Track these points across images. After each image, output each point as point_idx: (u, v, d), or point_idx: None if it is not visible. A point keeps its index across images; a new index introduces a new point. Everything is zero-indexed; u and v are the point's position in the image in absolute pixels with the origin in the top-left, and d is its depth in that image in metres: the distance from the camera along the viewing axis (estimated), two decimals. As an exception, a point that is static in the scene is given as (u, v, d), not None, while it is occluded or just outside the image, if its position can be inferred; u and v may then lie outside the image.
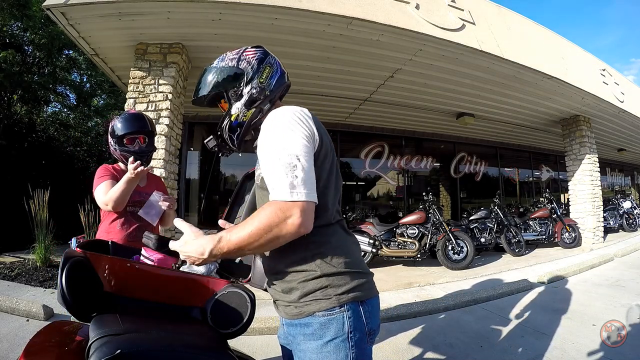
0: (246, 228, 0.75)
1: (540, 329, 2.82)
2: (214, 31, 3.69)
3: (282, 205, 0.74)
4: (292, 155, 0.77)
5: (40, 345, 0.83)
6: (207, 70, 1.00)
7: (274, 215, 0.74)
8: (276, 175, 0.77)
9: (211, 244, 0.77)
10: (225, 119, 0.97)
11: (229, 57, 0.99)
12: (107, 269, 0.93)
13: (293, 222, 0.74)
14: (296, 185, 0.75)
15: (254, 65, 0.96)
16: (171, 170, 3.87)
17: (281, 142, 0.79)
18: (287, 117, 0.82)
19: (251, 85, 0.95)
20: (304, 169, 0.76)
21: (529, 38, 5.02)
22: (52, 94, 9.46)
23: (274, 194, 0.76)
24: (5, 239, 5.19)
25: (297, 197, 0.74)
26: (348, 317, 0.80)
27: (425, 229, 5.25)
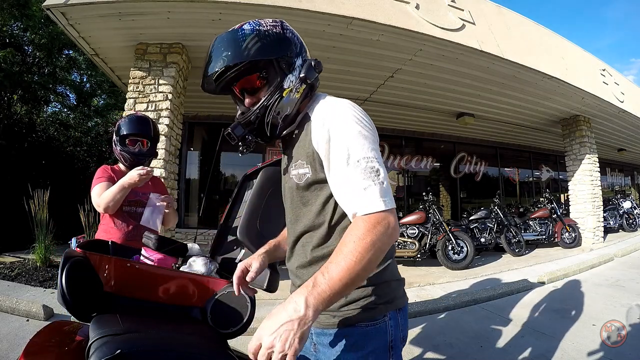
0: (347, 255, 0.61)
1: (540, 329, 2.82)
2: (214, 31, 3.66)
3: (377, 217, 0.64)
4: (371, 159, 0.69)
5: (40, 345, 0.83)
6: (237, 35, 0.78)
7: (374, 229, 0.63)
8: (360, 183, 0.67)
9: (303, 293, 0.59)
10: (272, 95, 0.79)
11: (270, 23, 0.81)
12: (107, 269, 0.93)
13: (393, 233, 0.65)
14: (385, 192, 0.67)
15: (298, 38, 0.84)
16: (171, 170, 3.87)
17: (356, 145, 0.70)
18: (352, 115, 0.73)
19: (302, 57, 0.83)
20: (385, 174, 0.69)
21: (529, 38, 5.02)
22: (52, 94, 9.46)
23: (366, 205, 0.65)
24: (5, 239, 5.19)
25: (389, 205, 0.66)
26: (390, 325, 0.77)
27: (425, 229, 5.25)
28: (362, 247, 0.61)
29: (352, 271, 0.60)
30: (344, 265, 0.60)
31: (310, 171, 0.77)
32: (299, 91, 0.80)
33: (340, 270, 0.60)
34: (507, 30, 4.75)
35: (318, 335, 0.81)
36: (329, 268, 0.61)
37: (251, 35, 0.77)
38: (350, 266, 0.60)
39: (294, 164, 0.80)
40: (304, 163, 0.78)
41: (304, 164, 0.78)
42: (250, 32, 0.78)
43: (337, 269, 0.60)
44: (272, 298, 3.31)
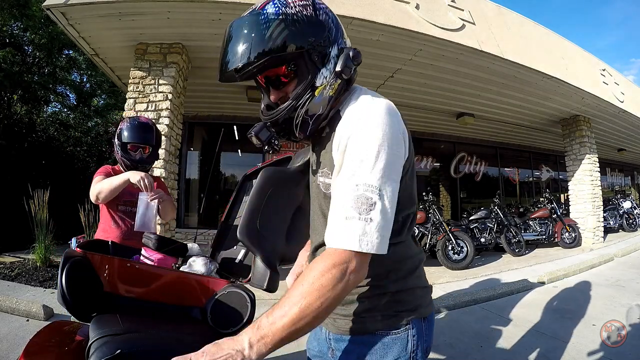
0: (292, 299, 0.56)
1: (540, 329, 2.82)
2: (214, 31, 3.69)
3: (341, 256, 0.57)
4: (373, 189, 0.58)
5: (40, 345, 0.83)
6: (259, 18, 0.64)
7: (330, 271, 0.56)
8: (345, 210, 0.59)
9: (248, 334, 0.55)
10: (304, 93, 0.68)
11: (299, 3, 0.65)
12: (107, 269, 0.93)
13: (362, 275, 0.59)
14: (368, 232, 0.57)
15: (334, 19, 0.69)
16: (171, 170, 3.87)
17: (365, 165, 0.59)
18: (382, 128, 0.61)
19: (339, 45, 0.69)
20: (384, 210, 0.59)
21: (529, 38, 5.02)
22: (52, 94, 9.47)
23: (339, 237, 0.58)
24: (5, 239, 5.19)
25: (366, 248, 0.57)
26: (412, 335, 0.71)
27: (425, 228, 5.25)
28: (311, 293, 0.55)
29: (295, 320, 0.54)
30: (289, 312, 0.55)
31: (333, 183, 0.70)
32: (333, 87, 0.68)
33: (283, 317, 0.55)
34: (507, 30, 4.75)
35: (336, 341, 0.77)
36: (274, 312, 0.56)
37: (276, 20, 0.63)
38: (294, 315, 0.54)
39: (321, 171, 0.74)
40: (329, 173, 0.71)
41: (328, 174, 0.71)
42: (274, 17, 0.63)
43: (281, 316, 0.55)
44: (272, 298, 3.31)
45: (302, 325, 0.55)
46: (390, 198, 0.60)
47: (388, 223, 0.60)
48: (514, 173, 10.02)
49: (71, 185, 7.09)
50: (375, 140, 0.60)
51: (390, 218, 0.60)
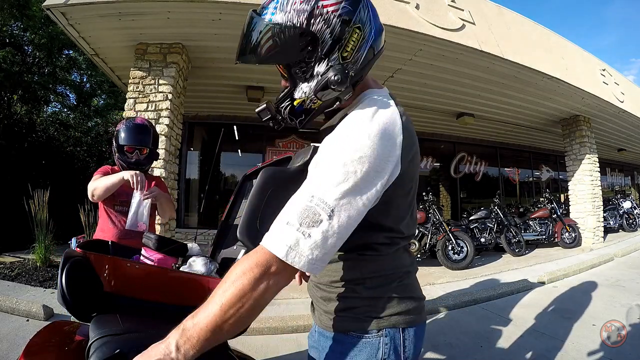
0: (216, 298, 0.54)
1: (540, 329, 2.82)
2: (214, 31, 3.69)
3: (266, 257, 0.55)
4: (326, 207, 0.55)
5: (40, 345, 0.83)
6: (258, 24, 0.62)
7: (253, 269, 0.54)
8: (288, 216, 0.56)
9: (174, 337, 0.53)
10: (284, 99, 0.70)
11: (295, 7, 0.60)
12: (107, 269, 0.93)
13: (277, 286, 0.57)
14: (302, 245, 0.54)
15: (335, 28, 0.61)
16: (171, 170, 3.87)
17: (328, 179, 0.56)
18: (370, 146, 0.57)
19: (328, 63, 0.62)
20: (325, 232, 0.54)
21: (529, 38, 5.02)
22: (52, 94, 9.47)
23: (270, 239, 0.56)
24: (5, 239, 5.19)
25: (291, 260, 0.54)
26: (384, 343, 0.70)
27: (425, 229, 5.25)
28: (232, 293, 0.53)
29: (218, 321, 0.53)
30: (211, 313, 0.53)
31: None
32: (315, 103, 0.66)
33: (206, 318, 0.53)
34: (507, 30, 4.76)
35: (319, 335, 0.80)
36: (198, 313, 0.54)
37: (266, 29, 0.61)
38: (217, 316, 0.53)
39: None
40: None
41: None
42: (266, 25, 0.61)
43: (205, 317, 0.53)
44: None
45: (226, 326, 0.53)
46: (342, 224, 0.56)
47: (326, 246, 0.55)
48: (514, 173, 10.02)
49: (71, 185, 7.09)
50: (351, 159, 0.56)
51: (331, 243, 0.55)
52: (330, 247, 0.56)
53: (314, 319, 0.85)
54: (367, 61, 0.66)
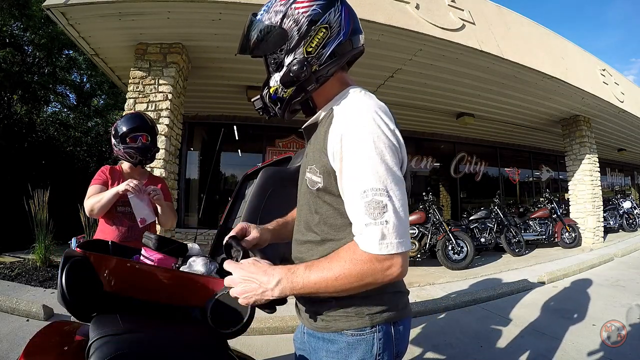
0: (332, 269, 0.63)
1: (540, 329, 2.82)
2: (214, 31, 3.69)
3: (376, 257, 0.62)
4: (380, 192, 0.62)
5: (40, 345, 0.83)
6: (251, 22, 0.77)
7: (366, 265, 0.62)
8: (362, 217, 0.63)
9: (280, 274, 0.65)
10: (265, 87, 0.79)
11: (275, 9, 0.74)
12: (107, 269, 0.93)
13: (392, 272, 0.63)
14: (387, 234, 0.61)
15: (302, 27, 0.71)
16: (171, 170, 3.87)
17: (365, 170, 0.63)
18: (372, 131, 0.65)
19: (293, 56, 0.72)
20: (396, 210, 0.62)
21: (529, 38, 5.02)
22: (52, 94, 9.47)
23: (361, 242, 0.63)
24: (5, 239, 5.19)
25: (386, 250, 0.61)
26: (379, 338, 0.73)
27: (425, 229, 5.25)
28: (348, 272, 0.62)
29: (327, 285, 0.64)
30: (326, 276, 0.63)
31: (322, 182, 0.73)
32: (285, 92, 0.75)
33: (319, 278, 0.64)
34: (507, 30, 4.75)
35: (309, 336, 0.81)
36: (312, 268, 0.65)
37: (255, 26, 0.75)
38: (329, 281, 0.63)
39: (309, 167, 0.76)
40: (317, 171, 0.73)
41: (317, 172, 0.73)
42: (256, 22, 0.76)
43: (318, 275, 0.64)
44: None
45: (326, 290, 0.64)
46: (399, 197, 0.63)
47: (403, 221, 0.63)
48: (514, 173, 10.02)
49: (71, 185, 7.09)
50: (369, 144, 0.64)
51: (403, 216, 0.63)
52: (405, 220, 0.64)
53: (300, 321, 0.85)
54: (336, 57, 0.73)
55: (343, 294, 0.66)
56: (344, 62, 0.77)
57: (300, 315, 0.85)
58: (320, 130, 0.76)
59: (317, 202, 0.75)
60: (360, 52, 0.80)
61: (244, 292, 0.66)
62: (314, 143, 0.77)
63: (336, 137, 0.68)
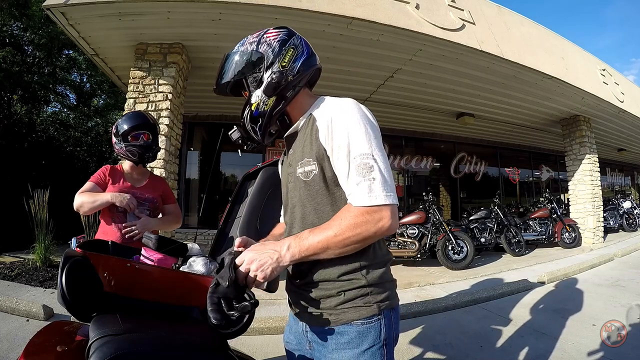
0: (332, 227, 0.73)
1: (540, 329, 2.82)
2: (214, 31, 3.69)
3: (364, 209, 0.72)
4: (367, 156, 0.74)
5: (40, 345, 0.83)
6: (228, 56, 0.91)
7: (360, 217, 0.72)
8: (352, 178, 0.74)
9: (287, 242, 0.74)
10: (245, 109, 0.89)
11: (249, 41, 0.89)
12: (107, 269, 0.93)
13: (383, 224, 0.72)
14: (374, 188, 0.72)
15: (275, 48, 0.87)
16: (171, 170, 3.87)
17: (353, 140, 0.75)
18: (356, 112, 0.78)
19: (272, 70, 0.85)
20: (381, 170, 0.73)
21: (529, 38, 5.02)
22: (52, 94, 9.47)
23: (353, 199, 0.74)
24: (5, 239, 5.19)
25: (375, 202, 0.71)
26: (384, 324, 0.80)
27: (425, 229, 5.25)
28: (345, 227, 0.72)
29: (329, 243, 0.73)
30: (327, 235, 0.73)
31: (317, 167, 0.81)
32: (267, 104, 0.86)
33: (322, 237, 0.73)
34: (507, 30, 4.76)
35: (313, 334, 0.84)
36: (315, 231, 0.74)
37: (232, 57, 0.88)
38: (330, 238, 0.72)
39: (300, 163, 0.84)
40: (310, 160, 0.82)
41: (310, 161, 0.82)
42: (232, 54, 0.89)
43: (321, 236, 0.73)
44: (272, 298, 3.31)
45: (329, 248, 0.73)
46: (384, 161, 0.75)
47: (387, 180, 0.74)
48: (514, 173, 10.02)
49: (71, 185, 7.06)
50: (355, 120, 0.77)
51: (388, 177, 0.74)
52: (389, 177, 0.75)
53: (300, 319, 0.89)
54: (303, 70, 0.88)
55: (345, 252, 0.74)
56: (310, 74, 0.91)
57: (301, 314, 0.87)
58: (303, 132, 0.86)
59: (311, 192, 0.83)
60: (319, 70, 0.95)
61: (261, 266, 0.72)
62: (298, 145, 0.87)
63: (325, 123, 0.79)
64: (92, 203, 1.64)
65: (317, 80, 0.99)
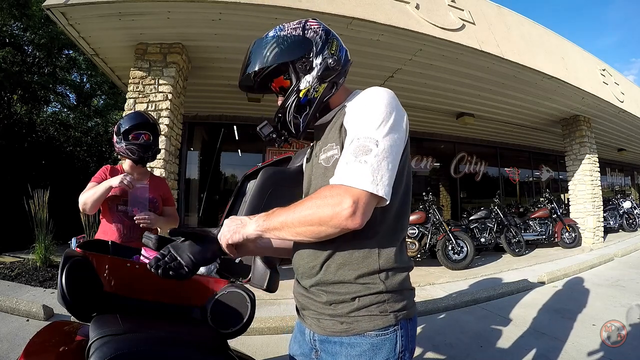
0: (296, 207, 0.68)
1: (540, 329, 2.82)
2: (214, 31, 3.69)
3: (336, 189, 0.64)
4: (370, 139, 0.66)
5: (40, 345, 0.83)
6: (262, 42, 0.84)
7: (326, 195, 0.65)
8: (344, 157, 0.67)
9: (254, 216, 0.73)
10: (290, 96, 0.81)
11: (291, 27, 0.84)
12: (107, 269, 0.94)
13: (340, 212, 0.62)
14: (359, 171, 0.63)
15: (322, 36, 0.83)
16: (171, 170, 3.87)
17: (367, 123, 0.69)
18: (385, 98, 0.72)
19: (323, 56, 0.82)
20: (379, 158, 0.65)
21: (529, 38, 5.02)
22: (52, 94, 9.47)
23: (337, 175, 0.67)
24: (5, 239, 5.18)
25: (352, 183, 0.63)
26: (400, 335, 0.72)
27: (425, 229, 5.25)
28: (306, 206, 0.66)
29: (293, 218, 0.67)
30: (289, 210, 0.69)
31: (339, 153, 0.74)
32: (317, 90, 0.81)
33: (284, 212, 0.69)
34: (507, 30, 4.75)
35: (322, 342, 0.76)
36: (283, 208, 0.70)
37: (271, 41, 0.82)
38: (289, 214, 0.68)
39: (323, 149, 0.80)
40: (333, 145, 0.77)
41: (333, 146, 0.77)
42: (271, 39, 0.83)
43: (285, 211, 0.69)
44: (272, 298, 3.31)
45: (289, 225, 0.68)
46: (388, 148, 0.67)
47: (382, 168, 0.65)
48: (514, 173, 10.02)
49: (71, 185, 7.07)
50: (380, 105, 0.71)
51: (384, 165, 0.65)
52: (385, 169, 0.65)
53: (308, 326, 0.80)
54: (346, 61, 0.87)
55: (302, 235, 0.68)
56: (348, 67, 0.89)
57: (307, 320, 0.80)
58: (333, 122, 0.82)
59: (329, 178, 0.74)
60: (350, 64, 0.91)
61: (229, 231, 0.73)
62: (325, 134, 0.83)
63: (352, 107, 0.76)
64: (93, 195, 1.65)
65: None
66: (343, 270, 0.73)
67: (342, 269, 0.73)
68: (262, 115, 6.69)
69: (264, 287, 1.04)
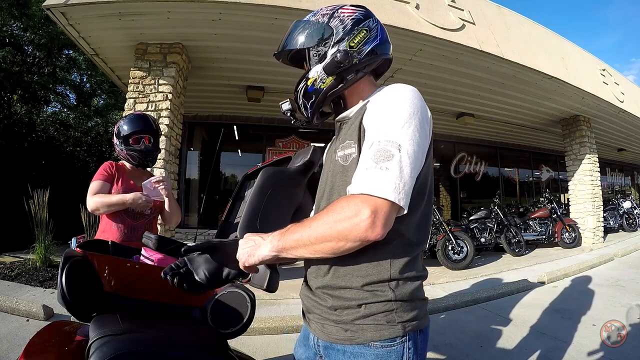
0: (312, 222, 0.63)
1: (540, 329, 2.82)
2: (214, 31, 3.69)
3: (352, 199, 0.60)
4: (392, 143, 0.62)
5: (40, 345, 0.83)
6: (297, 23, 0.87)
7: (340, 210, 0.60)
8: (363, 162, 0.63)
9: (273, 234, 0.68)
10: (301, 81, 0.83)
11: (322, 12, 0.84)
12: (107, 269, 0.93)
13: (359, 222, 0.58)
14: (380, 178, 0.59)
15: (347, 25, 0.80)
16: (171, 170, 3.87)
17: (388, 124, 0.65)
18: (409, 97, 0.68)
19: (338, 48, 0.79)
20: (402, 164, 0.61)
21: (529, 38, 5.02)
22: (52, 94, 9.47)
23: (356, 183, 0.62)
24: (5, 239, 5.18)
25: (372, 192, 0.59)
26: (408, 348, 0.68)
27: (425, 229, 5.24)
28: (324, 221, 0.61)
29: (309, 234, 0.63)
30: (304, 227, 0.64)
31: (356, 152, 0.71)
32: (324, 82, 0.80)
33: (299, 229, 0.65)
34: (507, 30, 4.75)
35: (325, 349, 0.74)
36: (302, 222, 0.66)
37: (301, 25, 0.85)
38: (305, 231, 0.64)
39: (341, 145, 0.76)
40: (351, 143, 0.74)
41: (351, 144, 0.73)
42: (302, 22, 0.85)
43: (300, 228, 0.65)
44: (272, 298, 3.31)
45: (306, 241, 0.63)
46: (411, 154, 0.62)
47: (404, 176, 0.61)
48: (514, 173, 10.02)
49: (71, 185, 7.08)
50: (403, 104, 0.67)
51: (407, 173, 0.61)
52: (407, 177, 0.61)
53: (312, 331, 0.78)
54: (371, 55, 0.80)
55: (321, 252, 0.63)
56: (378, 62, 0.84)
57: (312, 325, 0.78)
58: (354, 118, 0.78)
59: (347, 179, 0.71)
60: (389, 60, 0.87)
61: (243, 254, 0.70)
62: (346, 129, 0.80)
63: (374, 104, 0.72)
64: (107, 204, 1.64)
65: (385, 72, 0.92)
66: (351, 276, 0.70)
67: (350, 274, 0.70)
68: (262, 115, 6.69)
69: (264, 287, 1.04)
